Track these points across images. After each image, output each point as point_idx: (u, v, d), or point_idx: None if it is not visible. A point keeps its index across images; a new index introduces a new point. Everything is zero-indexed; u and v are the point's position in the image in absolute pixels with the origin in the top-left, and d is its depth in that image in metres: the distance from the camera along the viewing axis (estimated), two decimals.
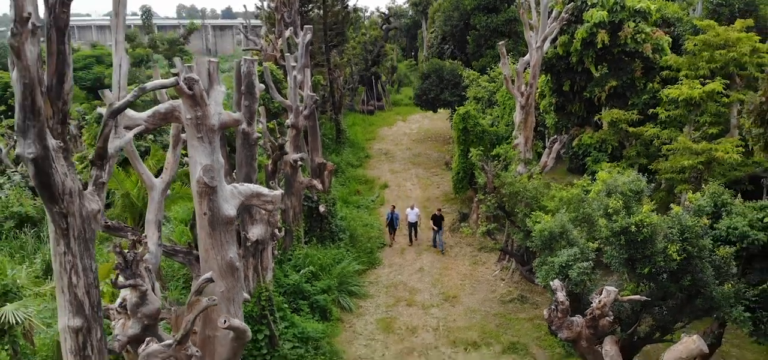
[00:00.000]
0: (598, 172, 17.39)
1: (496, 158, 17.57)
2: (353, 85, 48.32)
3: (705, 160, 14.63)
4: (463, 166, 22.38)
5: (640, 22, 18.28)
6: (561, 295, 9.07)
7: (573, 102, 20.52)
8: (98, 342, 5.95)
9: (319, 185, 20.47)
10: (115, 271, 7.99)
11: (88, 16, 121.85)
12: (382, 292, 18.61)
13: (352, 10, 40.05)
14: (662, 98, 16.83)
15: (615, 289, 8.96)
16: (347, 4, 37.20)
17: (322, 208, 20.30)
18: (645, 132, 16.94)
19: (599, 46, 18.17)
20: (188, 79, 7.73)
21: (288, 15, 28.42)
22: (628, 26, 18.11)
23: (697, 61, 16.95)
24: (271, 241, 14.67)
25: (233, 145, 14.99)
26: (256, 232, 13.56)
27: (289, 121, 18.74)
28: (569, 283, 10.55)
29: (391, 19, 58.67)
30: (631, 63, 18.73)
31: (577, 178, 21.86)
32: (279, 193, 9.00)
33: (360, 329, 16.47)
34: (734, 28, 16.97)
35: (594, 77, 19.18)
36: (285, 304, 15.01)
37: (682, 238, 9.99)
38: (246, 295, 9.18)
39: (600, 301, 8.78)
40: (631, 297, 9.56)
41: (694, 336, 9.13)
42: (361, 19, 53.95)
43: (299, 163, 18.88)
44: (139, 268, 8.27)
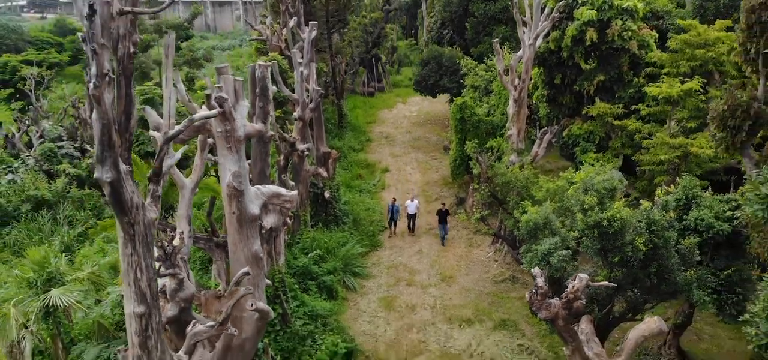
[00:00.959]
0: (584, 162, 18.73)
1: (490, 150, 18.82)
2: (354, 68, 49.18)
3: (681, 154, 15.92)
4: (460, 154, 23.63)
5: (627, 20, 19.36)
6: (540, 281, 10.48)
7: (564, 94, 21.71)
8: (156, 325, 7.33)
9: (324, 173, 21.80)
10: (158, 262, 9.36)
11: None
12: (383, 273, 20.06)
13: None
14: (647, 93, 18.02)
15: (587, 276, 10.34)
16: None
17: (327, 194, 21.64)
18: (628, 126, 18.19)
19: (588, 43, 19.29)
20: (219, 99, 8.97)
21: (292, 5, 29.29)
22: (616, 24, 19.20)
23: (679, 59, 18.11)
24: (283, 228, 16.04)
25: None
26: (270, 221, 14.89)
27: (296, 114, 19.93)
28: (550, 269, 11.96)
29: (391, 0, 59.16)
30: (618, 58, 19.87)
31: (569, 163, 23.17)
32: (295, 193, 10.33)
33: (364, 307, 17.96)
34: (714, 28, 18.08)
35: (583, 71, 20.33)
36: (295, 285, 16.46)
37: (649, 231, 11.34)
38: (268, 281, 10.57)
39: (573, 287, 10.18)
40: (601, 283, 10.97)
41: (655, 317, 10.56)
42: (362, 0, 54.47)
43: (306, 153, 20.14)
44: (177, 259, 9.65)
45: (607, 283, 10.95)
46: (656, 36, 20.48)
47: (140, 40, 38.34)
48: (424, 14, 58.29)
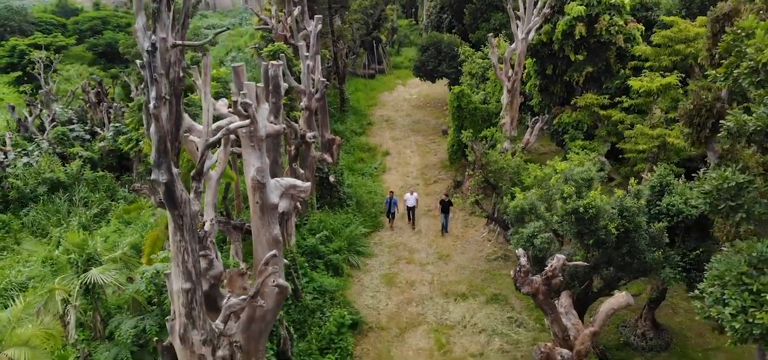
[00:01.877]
0: (571, 149, 20.13)
1: (484, 138, 20.22)
2: (355, 50, 50.11)
3: (659, 143, 17.32)
4: (457, 140, 25.00)
5: (614, 16, 20.57)
6: (523, 260, 12.00)
7: (555, 84, 23.01)
8: (199, 298, 8.82)
9: (329, 158, 23.21)
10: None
11: None
12: (385, 252, 21.62)
13: None
14: (631, 86, 19.34)
15: (563, 257, 11.85)
16: None
17: (332, 179, 23.08)
18: (613, 116, 19.56)
19: (577, 37, 20.53)
20: (244, 104, 10.35)
21: None
22: (604, 19, 20.42)
23: (661, 53, 19.38)
24: (294, 212, 17.53)
25: None
26: (282, 205, 16.34)
27: (303, 104, 21.25)
28: (534, 250, 13.47)
29: None
30: (606, 51, 21.13)
31: (560, 149, 24.55)
32: (309, 184, 11.77)
33: (367, 283, 19.55)
34: (695, 24, 19.31)
35: (573, 63, 21.61)
36: (305, 263, 18.01)
37: (621, 216, 12.81)
38: (285, 261, 12.07)
39: (551, 266, 11.69)
40: (578, 262, 12.48)
41: (623, 292, 12.11)
42: None
43: (312, 140, 21.51)
44: (208, 241, 11.14)
45: (583, 262, 12.46)
46: (642, 29, 21.71)
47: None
48: None
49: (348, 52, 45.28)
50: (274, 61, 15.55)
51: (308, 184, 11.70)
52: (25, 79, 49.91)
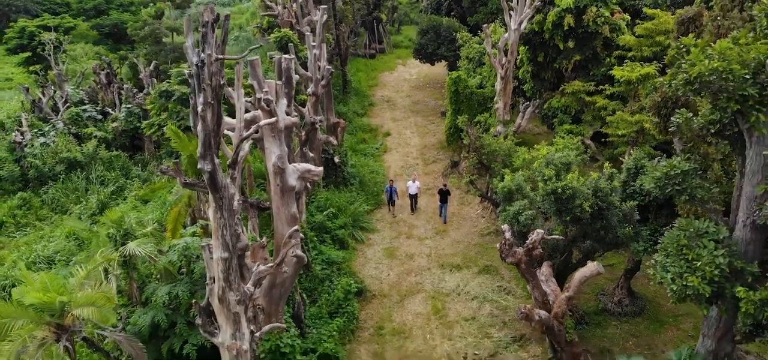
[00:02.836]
0: (559, 132, 21.78)
1: (479, 123, 21.86)
2: (356, 30, 51.20)
3: (637, 128, 18.98)
4: (454, 123, 26.62)
5: (601, 7, 22.02)
6: (508, 234, 13.80)
7: (546, 70, 24.55)
8: (235, 265, 10.61)
9: (334, 141, 24.85)
10: None
11: None
12: (386, 228, 23.44)
13: None
14: (614, 74, 20.90)
15: (542, 231, 13.64)
16: None
17: (337, 159, 24.78)
18: (597, 102, 21.17)
19: (566, 27, 22.00)
20: (266, 100, 12.01)
21: None
22: (591, 11, 21.87)
23: (644, 44, 20.89)
24: (304, 191, 19.27)
25: None
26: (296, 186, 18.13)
27: (309, 90, 22.81)
28: (519, 225, 15.26)
29: None
30: (593, 41, 22.63)
31: (551, 132, 26.18)
32: (321, 169, 13.48)
33: (370, 256, 21.41)
34: (675, 16, 20.73)
35: (562, 51, 23.12)
36: (314, 237, 19.83)
37: (595, 196, 14.56)
38: (301, 235, 13.85)
39: (532, 239, 13.49)
40: (554, 236, 14.28)
41: (595, 262, 13.94)
42: None
43: (318, 124, 23.14)
44: (235, 218, 12.89)
45: (560, 236, 14.25)
46: (628, 19, 23.17)
47: (155, 7, 40.24)
48: None
49: (349, 33, 46.45)
50: (287, 55, 17.13)
51: (321, 169, 13.42)
52: (35, 59, 51.08)
